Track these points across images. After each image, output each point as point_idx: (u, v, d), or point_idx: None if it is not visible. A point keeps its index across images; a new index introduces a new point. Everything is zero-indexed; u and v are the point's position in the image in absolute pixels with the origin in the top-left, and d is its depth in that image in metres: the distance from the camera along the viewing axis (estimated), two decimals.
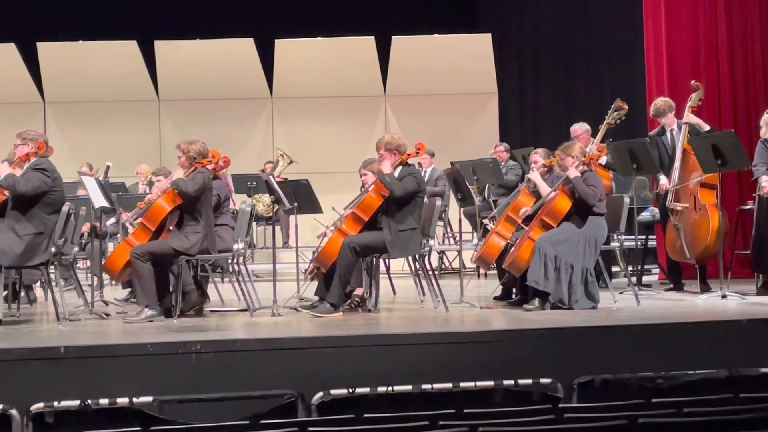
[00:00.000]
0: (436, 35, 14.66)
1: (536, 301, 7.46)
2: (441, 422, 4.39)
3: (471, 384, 5.79)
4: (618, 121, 9.41)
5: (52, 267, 7.51)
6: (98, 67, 14.44)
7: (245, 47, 14.40)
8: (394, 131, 13.03)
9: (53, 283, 7.64)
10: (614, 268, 9.65)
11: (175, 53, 14.56)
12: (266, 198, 11.78)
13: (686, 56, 10.41)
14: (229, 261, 7.97)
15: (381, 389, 5.69)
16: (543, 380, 5.84)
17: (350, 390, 5.67)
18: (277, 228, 12.31)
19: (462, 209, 10.32)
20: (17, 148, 7.31)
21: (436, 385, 5.75)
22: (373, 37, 14.40)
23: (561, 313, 7.24)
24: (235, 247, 7.84)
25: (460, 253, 9.35)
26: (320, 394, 5.65)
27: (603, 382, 5.92)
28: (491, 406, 5.43)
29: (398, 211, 7.46)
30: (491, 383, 5.83)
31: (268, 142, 14.90)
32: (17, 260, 7.03)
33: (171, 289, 7.50)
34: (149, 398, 5.55)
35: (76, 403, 5.47)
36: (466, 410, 4.84)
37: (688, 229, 8.55)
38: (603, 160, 8.90)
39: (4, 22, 14.63)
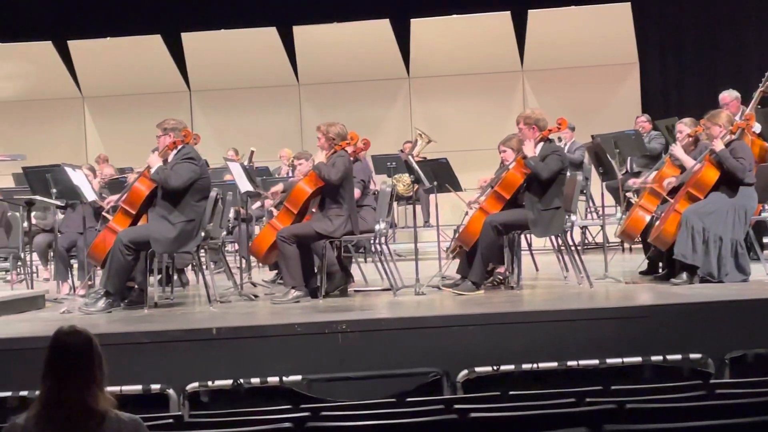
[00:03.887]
0: (573, 7, 14.39)
1: (684, 275, 7.28)
2: (587, 399, 4.35)
3: (618, 360, 5.72)
4: None
5: (202, 251, 7.75)
6: (240, 55, 14.79)
7: (381, 28, 14.48)
8: (533, 106, 12.90)
9: (204, 267, 7.89)
10: (766, 239, 9.31)
11: (312, 38, 14.76)
12: (406, 178, 11.85)
13: None
14: (372, 241, 8.05)
15: (526, 366, 5.67)
16: (693, 355, 5.72)
17: (495, 367, 5.67)
18: (418, 207, 12.36)
19: (604, 183, 10.14)
20: (160, 139, 7.50)
21: (581, 362, 5.70)
22: (509, 12, 14.26)
23: (710, 287, 7.05)
24: (377, 227, 7.92)
25: (603, 227, 9.20)
26: (465, 371, 5.67)
27: (756, 357, 5.76)
28: (639, 383, 5.35)
29: (542, 190, 7.36)
30: (639, 359, 5.74)
31: (407, 122, 14.96)
32: (170, 247, 7.27)
33: (316, 270, 7.64)
34: (298, 377, 5.69)
35: (229, 382, 5.65)
36: (613, 387, 4.78)
37: None
38: (758, 128, 8.57)
39: (149, 15, 15.13)
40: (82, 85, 15.34)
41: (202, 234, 7.38)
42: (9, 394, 5.47)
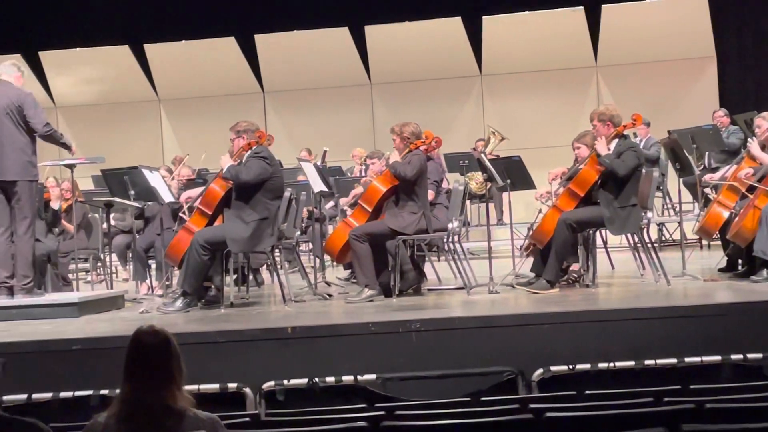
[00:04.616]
0: (648, 0, 14.20)
1: (764, 272, 7.14)
2: (666, 399, 4.29)
3: (696, 359, 5.63)
4: None
5: (276, 250, 7.81)
6: (312, 55, 14.88)
7: (453, 26, 14.45)
8: (607, 102, 12.76)
9: (278, 266, 7.95)
10: None
11: (384, 37, 14.79)
12: (479, 176, 11.83)
13: None
14: (445, 240, 8.04)
15: (602, 365, 5.61)
16: None
17: (570, 366, 5.63)
18: (491, 205, 12.32)
19: (681, 179, 9.97)
20: (234, 142, 7.60)
21: (659, 361, 5.62)
22: (582, 7, 14.12)
23: None
24: (450, 225, 7.91)
25: (680, 224, 9.06)
26: (540, 370, 5.63)
27: None
28: (719, 382, 5.26)
29: (617, 187, 7.27)
30: (718, 358, 5.65)
31: (479, 120, 14.90)
32: (245, 246, 7.35)
33: (389, 269, 7.65)
34: (372, 376, 5.70)
35: (304, 381, 5.69)
36: (692, 386, 4.71)
37: None
38: None
39: (223, 18, 15.32)
40: (159, 87, 15.60)
41: (277, 234, 7.45)
42: (90, 392, 5.58)
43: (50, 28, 15.27)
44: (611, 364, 5.62)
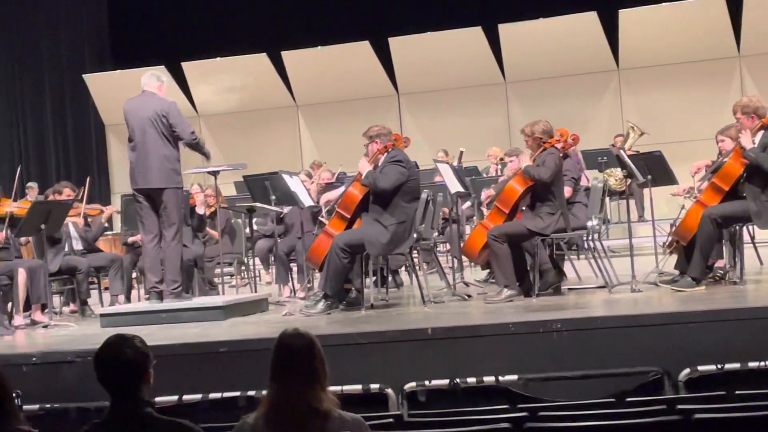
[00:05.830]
0: None
1: None
2: None
3: None
4: None
5: (415, 252, 7.86)
6: (446, 56, 14.90)
7: (589, 21, 14.23)
8: (751, 93, 12.35)
9: (417, 268, 7.99)
10: None
11: (518, 34, 14.68)
12: (618, 172, 11.63)
13: None
14: (584, 238, 7.93)
15: (752, 364, 5.45)
16: None
17: (719, 366, 5.48)
18: (631, 202, 12.08)
19: None
20: (368, 147, 7.69)
21: None
22: None
23: None
24: (590, 224, 7.80)
25: None
26: (687, 370, 5.51)
27: None
28: None
29: (764, 180, 7.00)
30: None
31: (617, 115, 14.64)
32: (384, 249, 7.42)
33: (528, 269, 7.60)
34: (514, 377, 5.68)
35: (446, 381, 5.70)
36: None
37: None
38: None
39: (357, 22, 15.51)
40: (296, 93, 15.90)
41: (415, 235, 7.49)
42: (238, 393, 5.73)
43: (192, 40, 15.78)
44: (762, 363, 5.44)
